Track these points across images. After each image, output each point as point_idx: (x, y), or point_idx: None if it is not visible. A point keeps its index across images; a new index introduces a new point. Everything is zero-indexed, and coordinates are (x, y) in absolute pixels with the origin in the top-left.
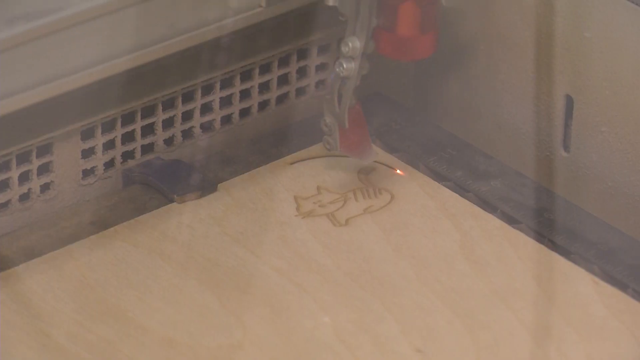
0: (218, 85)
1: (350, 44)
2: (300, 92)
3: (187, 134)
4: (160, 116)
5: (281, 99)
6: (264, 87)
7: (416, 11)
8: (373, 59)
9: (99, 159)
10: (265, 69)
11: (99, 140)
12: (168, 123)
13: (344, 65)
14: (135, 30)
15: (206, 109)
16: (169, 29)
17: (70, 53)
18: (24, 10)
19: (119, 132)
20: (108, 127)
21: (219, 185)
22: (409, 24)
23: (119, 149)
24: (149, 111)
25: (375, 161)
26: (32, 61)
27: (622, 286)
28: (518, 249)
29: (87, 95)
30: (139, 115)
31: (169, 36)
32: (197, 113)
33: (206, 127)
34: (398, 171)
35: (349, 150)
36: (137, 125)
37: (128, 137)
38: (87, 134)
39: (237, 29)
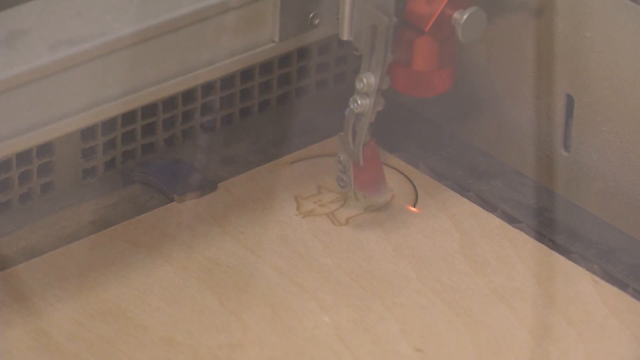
0: (218, 85)
1: (365, 80)
2: (300, 92)
3: (187, 133)
4: (161, 116)
5: (282, 98)
6: (265, 87)
7: (432, 46)
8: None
9: (99, 159)
10: (266, 68)
11: (100, 140)
12: (168, 123)
13: (359, 102)
14: (181, 56)
15: (206, 108)
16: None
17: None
18: (68, 36)
19: (119, 131)
20: (108, 126)
21: (219, 184)
22: (424, 59)
23: (120, 148)
24: (149, 111)
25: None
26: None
27: (622, 285)
28: (518, 249)
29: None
30: (139, 115)
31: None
32: (197, 113)
33: (207, 127)
34: (413, 209)
35: (363, 187)
36: (138, 125)
37: (128, 137)
38: (88, 134)
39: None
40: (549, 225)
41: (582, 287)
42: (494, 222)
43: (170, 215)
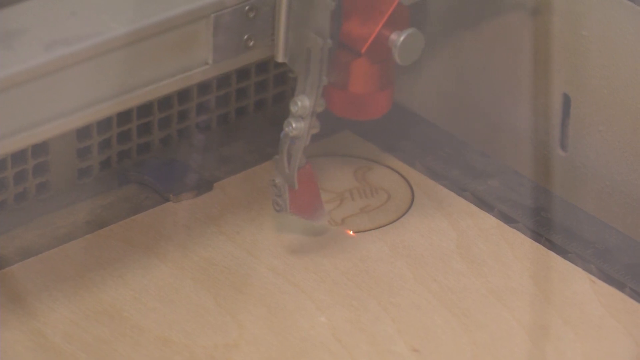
0: (214, 84)
1: (299, 103)
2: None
3: (183, 133)
4: (157, 115)
5: (278, 98)
6: (261, 86)
7: (369, 68)
8: None
9: (94, 159)
10: (261, 68)
11: (95, 139)
12: (164, 122)
13: (293, 125)
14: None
15: (202, 108)
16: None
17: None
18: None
19: (114, 131)
20: (104, 126)
21: (215, 184)
22: (361, 81)
23: (115, 148)
24: (145, 110)
25: (376, 162)
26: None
27: (619, 285)
28: (515, 248)
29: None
30: (135, 114)
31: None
32: (193, 113)
33: (202, 127)
34: (351, 233)
35: (299, 211)
36: (133, 124)
37: (124, 137)
38: (83, 133)
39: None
40: (545, 225)
41: (579, 287)
42: (491, 222)
43: (166, 215)
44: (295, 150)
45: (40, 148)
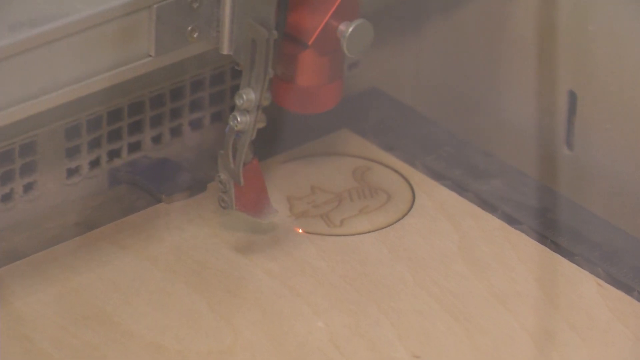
0: (208, 81)
1: (244, 96)
2: None
3: (175, 131)
4: (148, 113)
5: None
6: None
7: (317, 60)
8: (369, 51)
9: (84, 158)
10: None
11: (84, 138)
12: (156, 120)
13: (239, 119)
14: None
15: (195, 105)
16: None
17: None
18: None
19: (104, 129)
20: (93, 124)
21: (208, 184)
22: (309, 74)
23: (105, 147)
24: (136, 108)
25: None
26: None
27: (627, 289)
28: (519, 251)
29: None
30: (125, 112)
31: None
32: (186, 110)
33: (195, 125)
34: (300, 230)
35: (245, 209)
36: (124, 122)
37: (114, 135)
38: (72, 132)
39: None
40: (551, 227)
41: (586, 291)
42: (494, 223)
43: (157, 216)
44: (240, 145)
45: (27, 147)
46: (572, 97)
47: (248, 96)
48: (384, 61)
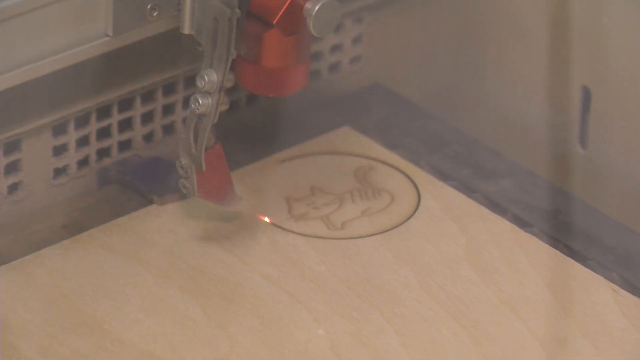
0: None
1: (206, 78)
2: None
3: (168, 129)
4: (139, 109)
5: None
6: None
7: (282, 40)
8: (368, 44)
9: (71, 157)
10: None
11: (72, 136)
12: (147, 117)
13: (200, 101)
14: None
15: (189, 101)
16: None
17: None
18: None
19: (93, 126)
20: (82, 121)
21: None
22: (274, 55)
23: (94, 145)
24: (126, 104)
25: (373, 158)
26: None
27: None
28: (530, 255)
29: (59, 86)
30: (115, 108)
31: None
32: (179, 106)
33: None
34: (266, 219)
35: (208, 195)
36: (114, 119)
37: (104, 133)
38: (59, 129)
39: None
40: (563, 230)
41: (600, 297)
42: (503, 226)
43: (149, 218)
44: (202, 128)
45: (12, 145)
46: (586, 93)
47: (210, 77)
48: (387, 55)
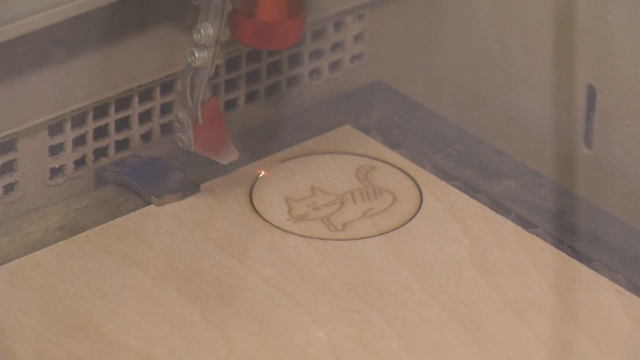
0: None
1: (202, 31)
2: (292, 81)
3: (166, 128)
4: (136, 108)
5: (271, 89)
6: (252, 77)
7: None
8: (370, 41)
9: (68, 157)
10: (253, 57)
11: (69, 135)
12: (145, 116)
13: (196, 55)
14: None
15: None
16: None
17: None
18: None
19: (90, 126)
20: (78, 120)
21: (201, 185)
22: (269, 7)
23: (91, 145)
24: (123, 103)
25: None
26: None
27: None
28: (534, 256)
29: (55, 85)
30: (112, 107)
31: None
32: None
33: None
34: (262, 173)
35: (205, 149)
36: (111, 118)
37: (100, 132)
38: (55, 129)
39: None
40: (568, 231)
41: (605, 299)
42: (507, 227)
43: (147, 219)
44: (198, 82)
45: (7, 144)
46: (591, 92)
47: (206, 31)
48: (389, 53)
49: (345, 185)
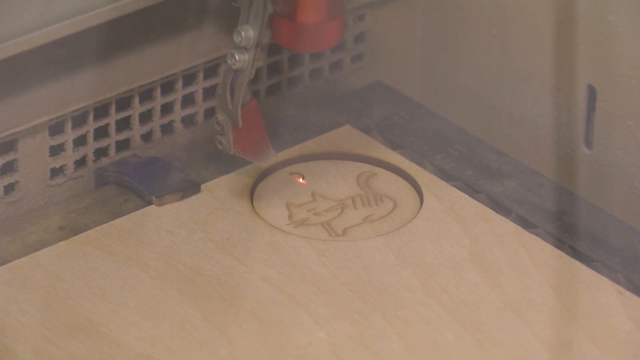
0: (201, 75)
1: (243, 34)
2: (292, 82)
3: (167, 128)
4: (137, 109)
5: (272, 89)
6: (253, 77)
7: None
8: (370, 41)
9: (68, 157)
10: None
11: (69, 135)
12: (145, 116)
13: (237, 57)
14: None
15: (188, 100)
16: None
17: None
18: None
19: (90, 126)
20: (79, 120)
21: (202, 185)
22: (310, 10)
23: (91, 145)
24: (124, 103)
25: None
26: None
27: None
28: (534, 256)
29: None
30: (113, 107)
31: None
32: (178, 105)
33: (188, 121)
34: (301, 180)
35: (244, 151)
36: (111, 118)
37: (101, 132)
38: (56, 129)
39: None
40: (568, 231)
41: (605, 299)
42: (508, 227)
43: (147, 219)
44: (239, 84)
45: (8, 145)
46: (591, 92)
47: (247, 33)
48: (389, 53)
49: (346, 191)
